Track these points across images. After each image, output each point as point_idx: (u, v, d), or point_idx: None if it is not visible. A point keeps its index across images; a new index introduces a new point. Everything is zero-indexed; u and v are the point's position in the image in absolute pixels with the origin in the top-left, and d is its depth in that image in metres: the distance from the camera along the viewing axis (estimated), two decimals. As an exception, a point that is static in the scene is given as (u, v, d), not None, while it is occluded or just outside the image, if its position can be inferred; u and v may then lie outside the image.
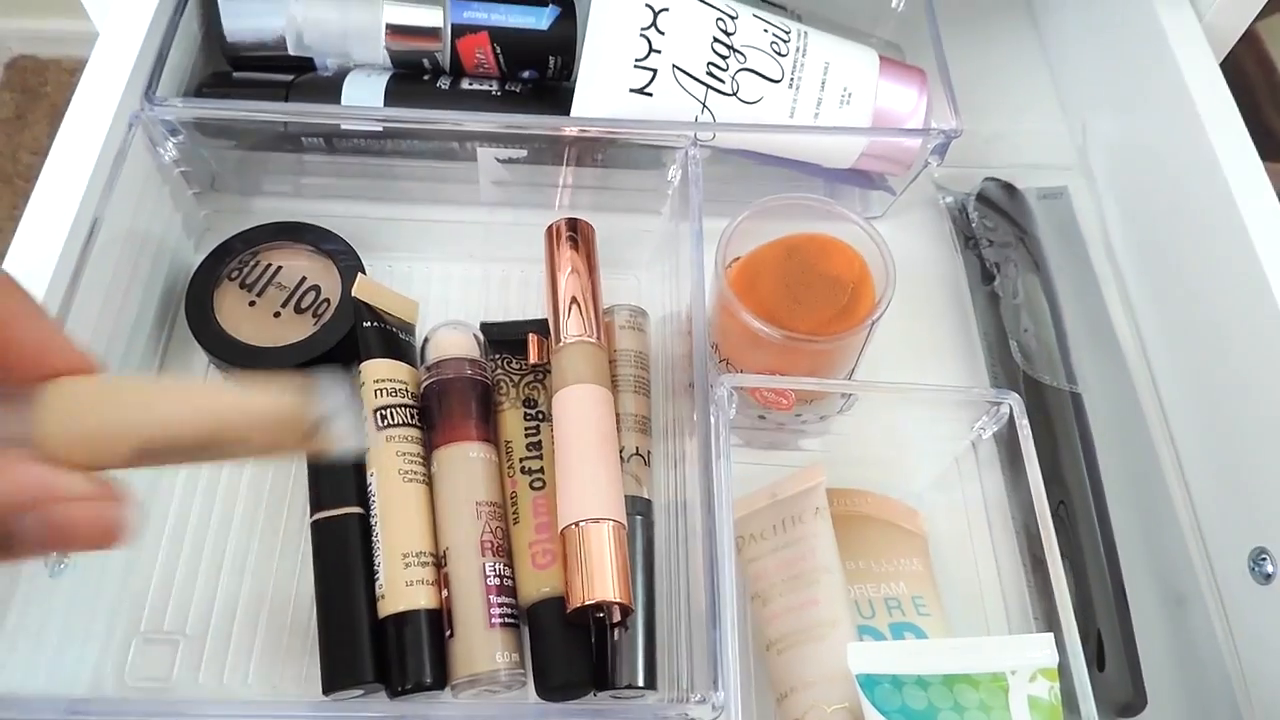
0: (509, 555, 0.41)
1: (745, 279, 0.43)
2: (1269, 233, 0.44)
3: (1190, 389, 0.48)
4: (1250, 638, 0.43)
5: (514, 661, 0.39)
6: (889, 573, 0.42)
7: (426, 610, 0.39)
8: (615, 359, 0.46)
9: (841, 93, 0.47)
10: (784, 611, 0.39)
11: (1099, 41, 0.58)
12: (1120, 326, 0.52)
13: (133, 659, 0.40)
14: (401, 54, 0.48)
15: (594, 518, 0.39)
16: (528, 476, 0.42)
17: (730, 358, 0.44)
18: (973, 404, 0.42)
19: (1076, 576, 0.43)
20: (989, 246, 0.52)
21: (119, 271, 0.43)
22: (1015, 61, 0.63)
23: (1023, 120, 0.59)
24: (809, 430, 0.46)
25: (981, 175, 0.55)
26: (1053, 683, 0.35)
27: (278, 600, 0.42)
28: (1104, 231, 0.55)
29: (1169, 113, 0.50)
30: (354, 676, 0.38)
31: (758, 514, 0.42)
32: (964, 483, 0.44)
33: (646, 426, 0.45)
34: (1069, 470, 0.45)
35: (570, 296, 0.44)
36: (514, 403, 0.44)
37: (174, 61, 0.46)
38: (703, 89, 0.46)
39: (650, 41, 0.45)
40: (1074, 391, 0.47)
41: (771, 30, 0.47)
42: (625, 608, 0.39)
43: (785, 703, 0.37)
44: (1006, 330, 0.49)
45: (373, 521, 0.41)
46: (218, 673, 0.40)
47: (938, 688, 0.34)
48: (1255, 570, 0.42)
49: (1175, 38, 0.51)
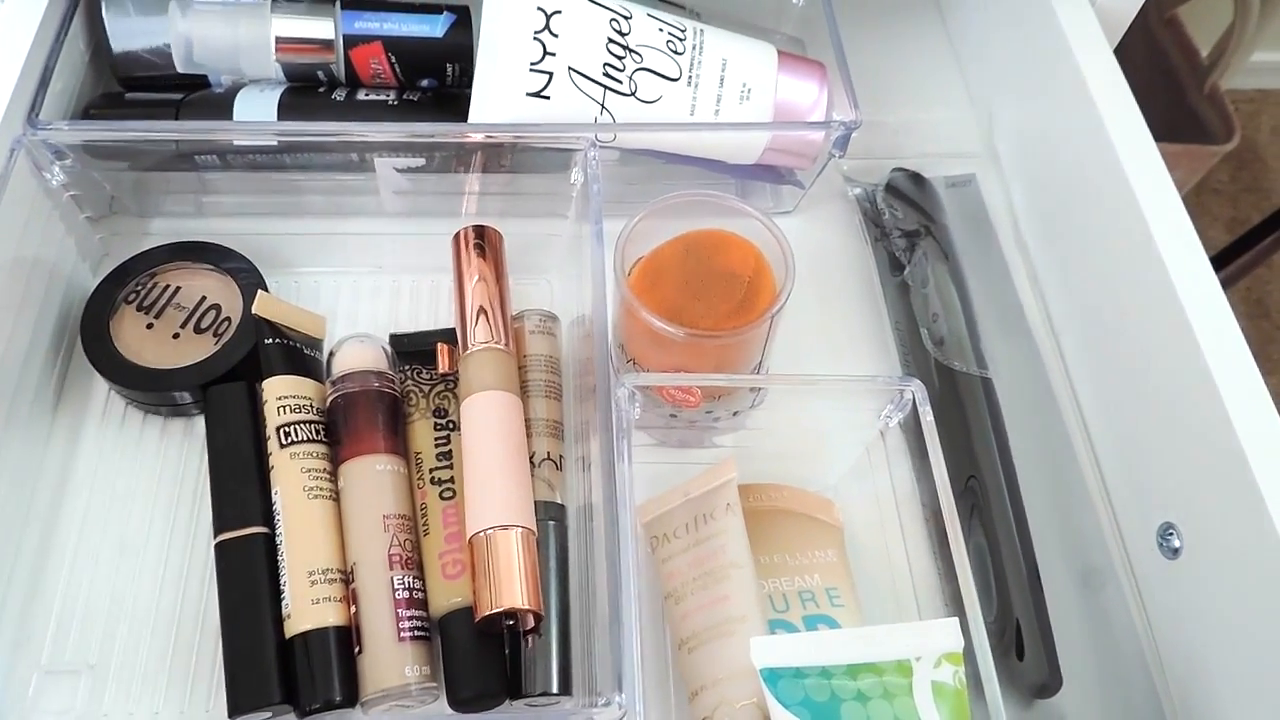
0: (419, 567, 0.40)
1: (647, 278, 0.43)
2: (1163, 214, 0.44)
3: (1097, 369, 0.49)
4: (1162, 613, 0.44)
5: (425, 675, 0.38)
6: (803, 565, 0.42)
7: (335, 627, 0.38)
8: (525, 364, 0.45)
9: (741, 89, 0.48)
10: (695, 609, 0.39)
11: (1002, 31, 0.59)
12: (1029, 310, 0.52)
13: (34, 693, 0.39)
14: (294, 67, 0.48)
15: (502, 525, 0.39)
16: (437, 487, 0.42)
17: (637, 358, 0.44)
18: (878, 392, 0.42)
19: (991, 560, 0.44)
20: (899, 236, 0.52)
21: (7, 299, 0.42)
22: (923, 53, 0.63)
23: (931, 110, 0.60)
24: (722, 427, 0.46)
25: (891, 166, 0.55)
26: (957, 667, 0.35)
27: (184, 625, 0.41)
28: (1012, 217, 0.56)
29: (1067, 99, 0.51)
30: (261, 698, 0.37)
31: (670, 513, 0.42)
32: (875, 472, 0.44)
33: (559, 431, 0.45)
34: (980, 453, 0.46)
35: (477, 304, 0.44)
36: (424, 413, 0.44)
37: (59, 84, 0.45)
38: (600, 90, 0.46)
39: (544, 45, 0.45)
40: (984, 376, 0.48)
41: (667, 29, 0.47)
42: (536, 615, 0.38)
43: (696, 701, 0.37)
44: (917, 319, 0.49)
45: (278, 540, 0.40)
46: (124, 702, 0.39)
47: (841, 678, 0.34)
48: (1163, 546, 0.43)
49: (1069, 24, 0.51)
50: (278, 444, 0.41)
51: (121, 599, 0.41)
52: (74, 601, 0.41)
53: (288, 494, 0.40)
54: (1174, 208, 0.44)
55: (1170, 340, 0.42)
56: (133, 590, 0.42)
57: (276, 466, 0.41)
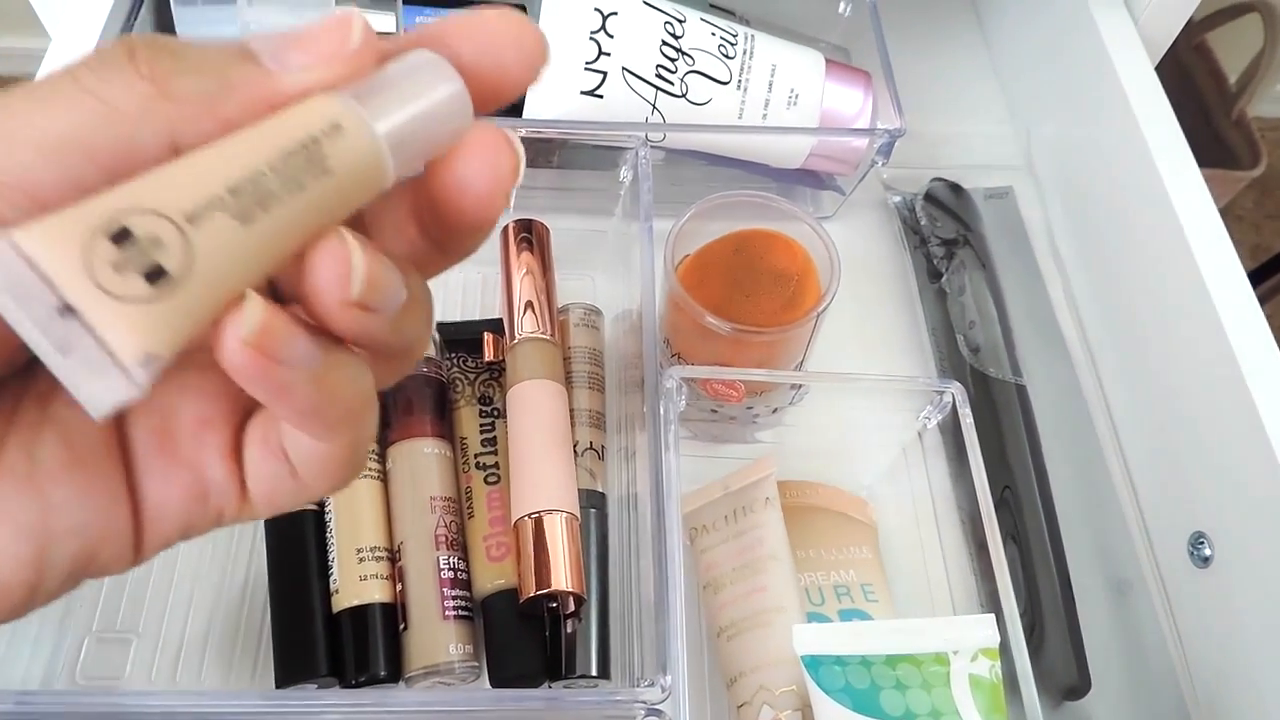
0: (463, 549, 0.41)
1: (695, 275, 0.44)
2: (1202, 229, 0.45)
3: (1131, 380, 0.49)
4: (1191, 620, 0.44)
5: (468, 653, 0.39)
6: (838, 561, 0.43)
7: (381, 604, 0.39)
8: (570, 356, 0.46)
9: (789, 94, 0.49)
10: (734, 599, 0.40)
11: (1042, 46, 0.60)
12: (1064, 320, 0.53)
13: (85, 658, 0.40)
14: (355, 58, 0.49)
15: (547, 509, 0.39)
16: (482, 472, 0.43)
17: (682, 352, 0.45)
18: (917, 393, 0.43)
19: (1022, 564, 0.44)
20: (937, 244, 0.53)
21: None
22: (963, 66, 0.64)
23: (969, 122, 0.61)
24: (761, 423, 0.47)
25: (929, 176, 0.56)
26: (994, 662, 0.36)
27: (231, 598, 0.42)
28: (1048, 229, 0.56)
29: (1107, 115, 0.52)
30: (307, 670, 0.38)
31: (710, 506, 0.43)
32: (911, 473, 0.45)
33: (601, 421, 0.46)
34: (1014, 459, 0.46)
35: (524, 295, 0.45)
36: (469, 400, 0.45)
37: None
38: (652, 91, 0.47)
39: (600, 45, 0.46)
40: (1019, 383, 0.48)
41: (719, 34, 0.48)
42: (578, 598, 0.39)
43: (735, 686, 0.38)
44: (953, 325, 0.50)
45: (327, 518, 0.41)
46: (171, 671, 0.40)
47: (880, 668, 0.35)
48: (1194, 554, 0.43)
49: (1112, 42, 0.52)
50: (329, 424, 0.42)
51: (171, 570, 0.42)
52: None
53: (338, 473, 0.41)
54: (1213, 223, 0.45)
55: (1204, 351, 0.43)
56: (182, 562, 0.43)
57: (327, 446, 0.42)
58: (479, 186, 0.18)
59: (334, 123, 0.17)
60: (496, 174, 0.18)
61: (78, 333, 0.15)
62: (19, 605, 0.19)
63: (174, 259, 0.15)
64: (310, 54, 0.17)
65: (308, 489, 0.21)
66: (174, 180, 0.16)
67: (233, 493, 0.21)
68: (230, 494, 0.21)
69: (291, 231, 0.17)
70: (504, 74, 0.19)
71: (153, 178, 0.16)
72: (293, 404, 0.18)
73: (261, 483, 0.21)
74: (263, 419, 0.20)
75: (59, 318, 0.15)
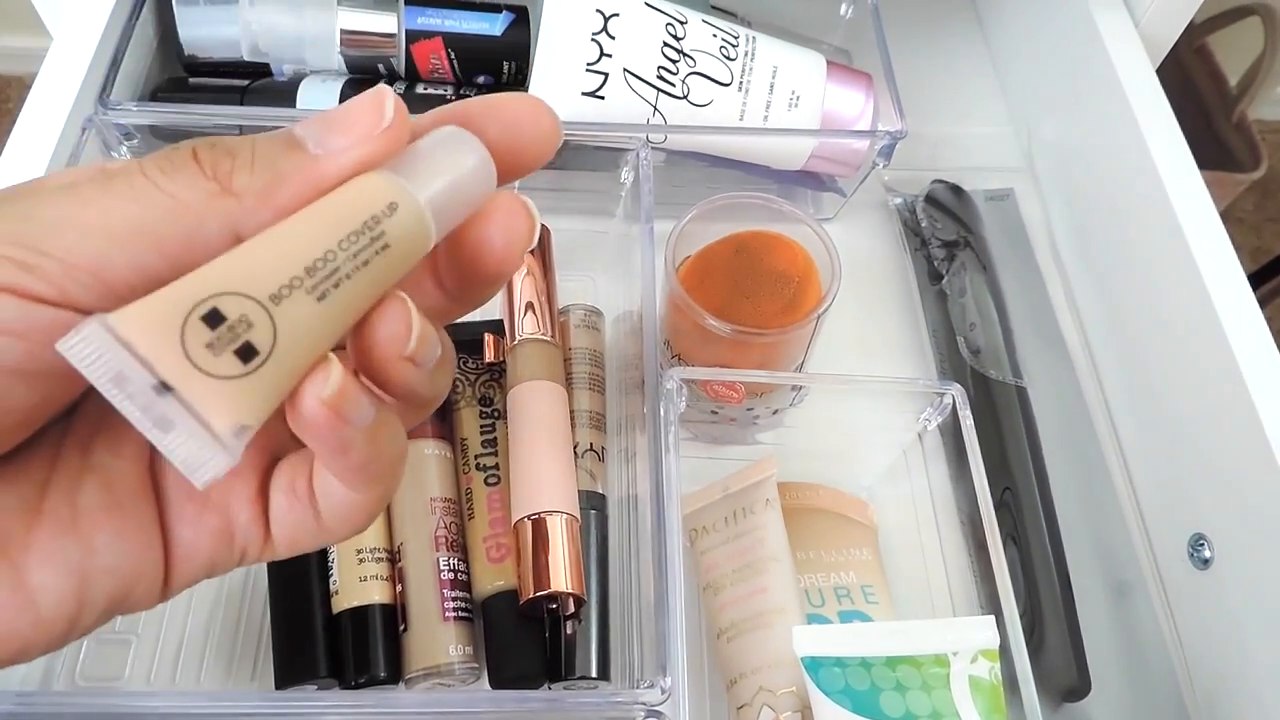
0: (464, 550, 0.41)
1: (695, 276, 0.44)
2: (1203, 231, 0.45)
3: (1131, 382, 0.49)
4: (1191, 622, 0.44)
5: (468, 655, 0.39)
6: (839, 563, 0.43)
7: (381, 605, 0.39)
8: (570, 357, 0.46)
9: (790, 96, 0.49)
10: (734, 600, 0.40)
11: (1042, 47, 0.60)
12: (1064, 322, 0.53)
13: (84, 659, 0.40)
14: (356, 59, 0.49)
15: (548, 511, 0.39)
16: (482, 473, 0.43)
17: (683, 353, 0.45)
18: (918, 395, 0.43)
19: (1022, 566, 0.44)
20: (938, 246, 0.53)
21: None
22: (963, 68, 0.64)
23: (970, 124, 0.61)
24: (761, 425, 0.47)
25: (930, 178, 0.56)
26: (994, 663, 0.36)
27: (231, 598, 0.42)
28: (1049, 231, 0.56)
29: (1108, 117, 0.52)
30: (307, 671, 0.38)
31: (710, 507, 0.43)
32: (911, 474, 0.45)
33: (601, 423, 0.46)
34: (1014, 461, 0.46)
35: (525, 297, 0.45)
36: (470, 401, 0.45)
37: (129, 67, 0.46)
38: (654, 92, 0.47)
39: (601, 46, 0.46)
40: (1019, 385, 0.48)
41: (720, 35, 0.48)
42: (578, 599, 0.39)
43: (735, 688, 0.38)
44: (954, 327, 0.50)
45: (327, 518, 0.41)
46: (170, 671, 0.40)
47: (880, 669, 0.35)
48: (1194, 556, 0.43)
49: (1112, 43, 0.52)
50: (329, 425, 0.42)
51: (171, 570, 0.42)
52: (125, 571, 0.42)
53: (338, 473, 0.41)
54: (1213, 226, 0.45)
55: (1204, 354, 0.43)
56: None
57: (327, 446, 0.42)
58: (499, 246, 0.20)
59: (391, 202, 0.19)
60: (516, 236, 0.20)
61: (176, 409, 0.16)
62: (57, 638, 0.20)
63: (262, 337, 0.17)
64: (350, 135, 0.19)
65: (331, 534, 0.22)
66: (255, 263, 0.17)
67: (257, 535, 0.22)
68: (255, 537, 0.22)
69: (359, 302, 0.19)
70: (522, 151, 0.21)
71: (235, 261, 0.17)
72: (350, 459, 0.19)
73: (286, 527, 0.22)
74: (290, 468, 0.22)
75: (157, 396, 0.16)
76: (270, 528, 0.22)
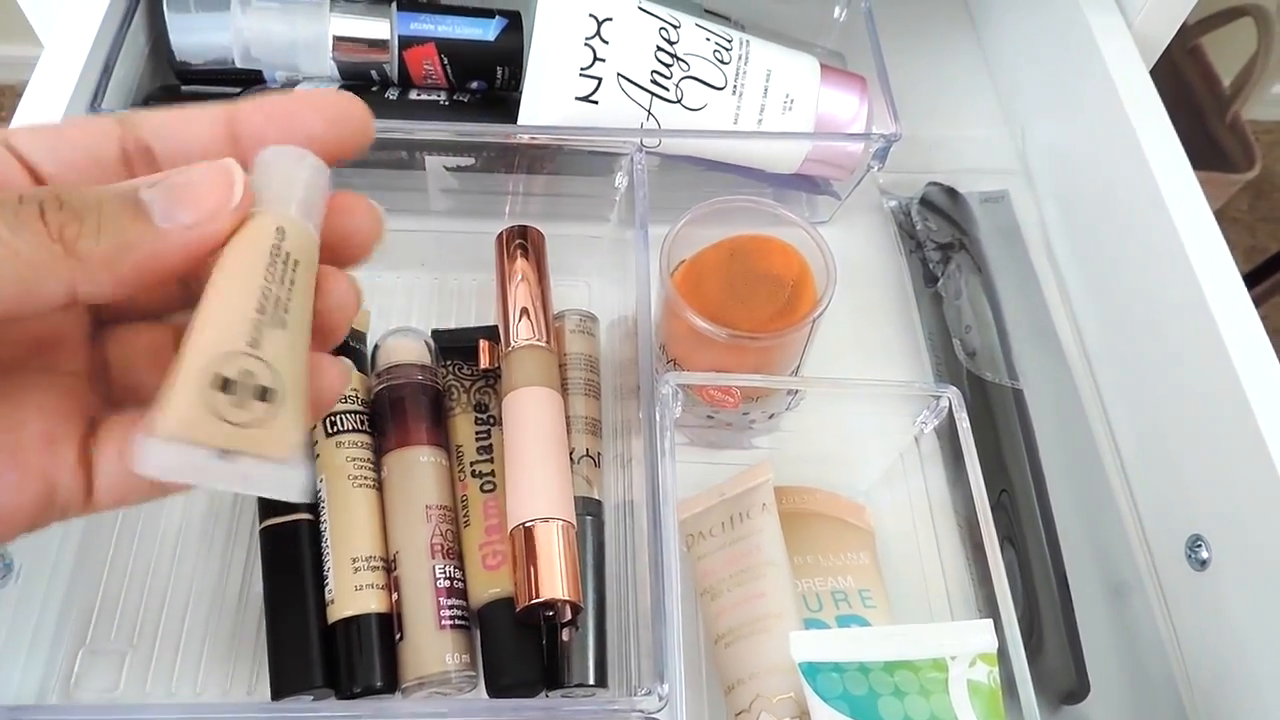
0: (459, 558, 0.41)
1: (690, 280, 0.44)
2: (1197, 231, 0.45)
3: (1127, 383, 0.49)
4: (1189, 624, 0.44)
5: (464, 663, 0.39)
6: (836, 567, 0.43)
7: (376, 614, 0.39)
8: (565, 363, 0.46)
9: (784, 99, 0.49)
10: (732, 606, 0.40)
11: (1037, 49, 0.60)
12: (1060, 324, 0.53)
13: (79, 672, 0.40)
14: (349, 65, 0.49)
15: (543, 517, 0.39)
16: (478, 480, 0.43)
17: (678, 358, 0.45)
18: (914, 398, 0.43)
19: (1020, 569, 0.44)
20: (933, 249, 0.53)
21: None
22: (958, 70, 0.64)
23: (965, 126, 0.61)
24: (757, 429, 0.46)
25: (925, 180, 0.56)
26: (992, 667, 0.36)
27: (226, 609, 0.42)
28: (1044, 233, 0.56)
29: (1102, 118, 0.52)
30: (303, 681, 0.38)
31: (707, 512, 0.43)
32: (908, 478, 0.45)
33: (597, 429, 0.45)
34: (1011, 463, 0.46)
35: (520, 302, 0.45)
36: (465, 408, 0.45)
37: (121, 75, 0.46)
38: (648, 96, 0.47)
39: (595, 50, 0.46)
40: (1015, 387, 0.48)
41: (714, 39, 0.48)
42: (575, 606, 0.39)
43: (733, 694, 0.38)
44: (950, 329, 0.50)
45: (322, 527, 0.41)
46: (166, 683, 0.40)
47: (878, 674, 0.35)
48: (1191, 557, 0.43)
49: (1106, 45, 0.52)
50: (324, 432, 0.42)
51: (165, 581, 0.42)
52: (118, 583, 0.42)
53: (333, 482, 0.41)
54: (1208, 226, 0.45)
55: (1201, 354, 0.43)
56: (176, 573, 0.42)
57: (322, 454, 0.42)
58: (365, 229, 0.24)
59: (278, 228, 0.22)
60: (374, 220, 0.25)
61: (245, 463, 0.20)
62: None
63: (266, 376, 0.20)
64: (198, 211, 0.21)
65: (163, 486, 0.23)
66: (220, 329, 0.20)
67: (79, 494, 0.23)
68: (76, 496, 0.23)
69: (306, 306, 0.22)
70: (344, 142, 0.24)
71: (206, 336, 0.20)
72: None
73: (113, 488, 0.23)
74: (119, 431, 0.23)
75: (224, 462, 0.19)
76: (94, 486, 0.23)
